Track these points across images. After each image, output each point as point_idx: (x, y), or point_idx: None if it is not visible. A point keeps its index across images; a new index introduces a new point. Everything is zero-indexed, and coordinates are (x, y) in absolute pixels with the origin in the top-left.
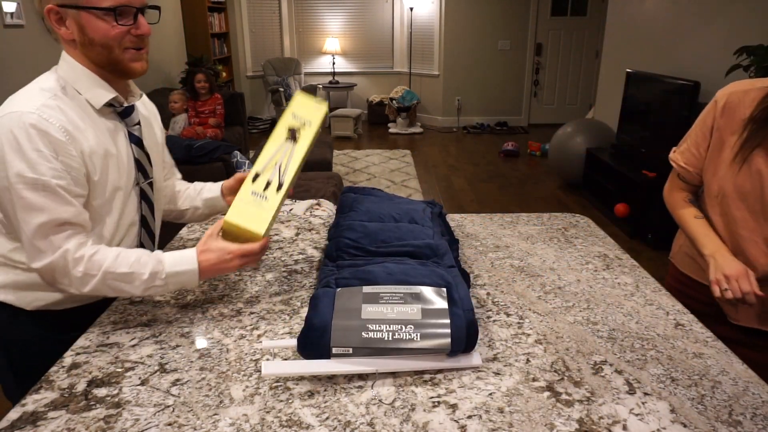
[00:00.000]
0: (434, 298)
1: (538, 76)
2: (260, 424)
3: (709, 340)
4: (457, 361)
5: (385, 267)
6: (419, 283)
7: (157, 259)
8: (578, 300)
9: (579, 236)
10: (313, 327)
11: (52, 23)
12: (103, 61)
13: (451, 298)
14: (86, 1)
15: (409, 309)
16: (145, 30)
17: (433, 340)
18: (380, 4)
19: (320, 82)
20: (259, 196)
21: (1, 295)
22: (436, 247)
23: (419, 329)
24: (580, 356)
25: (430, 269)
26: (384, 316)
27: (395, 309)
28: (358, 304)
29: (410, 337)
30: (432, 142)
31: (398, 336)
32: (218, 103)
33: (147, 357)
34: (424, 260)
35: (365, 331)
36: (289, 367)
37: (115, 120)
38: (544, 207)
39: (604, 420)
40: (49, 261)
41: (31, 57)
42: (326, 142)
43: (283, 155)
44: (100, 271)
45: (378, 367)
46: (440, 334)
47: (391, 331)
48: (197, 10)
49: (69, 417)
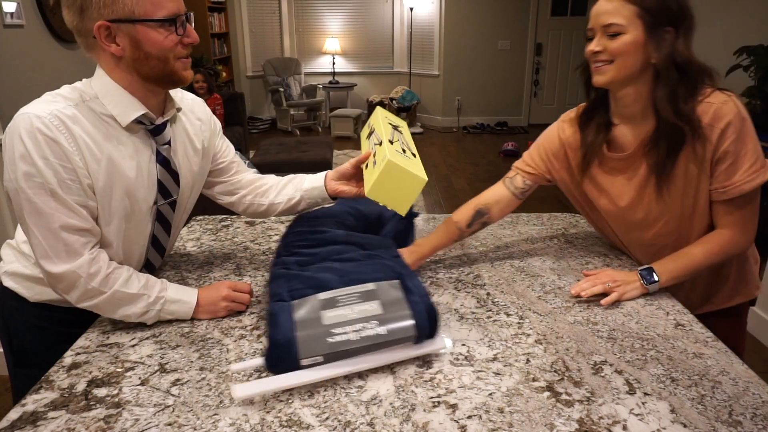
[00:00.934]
0: (390, 290)
1: (538, 76)
2: (260, 424)
3: (709, 340)
4: (426, 346)
5: (334, 270)
6: (372, 280)
7: (162, 285)
8: (578, 300)
9: (579, 236)
10: (277, 344)
11: (101, 40)
12: (158, 74)
13: (406, 287)
14: (142, 14)
15: (368, 306)
16: (195, 38)
17: (399, 329)
18: (380, 4)
19: (320, 82)
20: (405, 155)
21: (10, 282)
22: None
23: (384, 323)
24: (580, 356)
25: (379, 262)
26: (346, 318)
27: (355, 309)
28: (317, 312)
29: (376, 331)
30: (432, 142)
31: (364, 333)
32: (217, 104)
33: (147, 357)
34: (370, 251)
35: (330, 337)
36: (261, 385)
37: (145, 137)
38: (544, 207)
39: (604, 420)
40: (64, 270)
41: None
42: (326, 142)
43: (399, 136)
44: (110, 290)
45: (350, 368)
46: (404, 323)
47: (356, 330)
48: (197, 10)
49: (69, 417)
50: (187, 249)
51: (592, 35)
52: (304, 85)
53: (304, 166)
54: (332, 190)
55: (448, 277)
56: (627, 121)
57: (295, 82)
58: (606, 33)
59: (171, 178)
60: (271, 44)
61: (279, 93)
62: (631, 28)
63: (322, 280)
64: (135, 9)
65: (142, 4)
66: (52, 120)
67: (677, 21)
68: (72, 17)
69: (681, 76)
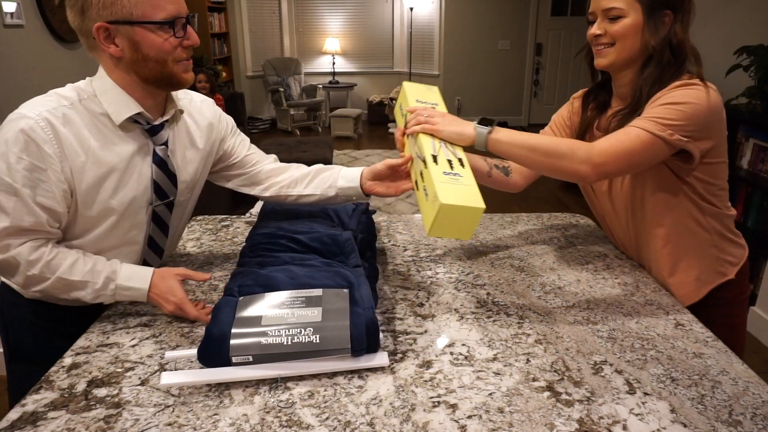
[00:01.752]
0: (336, 299)
1: (538, 76)
2: (260, 424)
3: (709, 340)
4: (361, 361)
5: (288, 271)
6: (321, 286)
7: (112, 269)
8: (578, 300)
9: (579, 236)
10: (212, 337)
11: (100, 41)
12: (156, 76)
13: (353, 298)
14: (140, 16)
15: (309, 312)
16: (195, 40)
17: (333, 341)
18: (380, 4)
19: (320, 82)
20: (452, 175)
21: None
22: (343, 242)
23: (319, 331)
24: (580, 356)
25: (335, 270)
26: (284, 321)
27: (296, 313)
28: (260, 311)
29: (309, 339)
30: None
31: (298, 339)
32: (219, 104)
33: (147, 357)
34: (330, 259)
35: (264, 338)
36: (187, 376)
37: (141, 137)
38: (544, 207)
39: (604, 420)
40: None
41: (31, 57)
42: (326, 142)
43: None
44: (53, 276)
45: (279, 371)
46: (340, 334)
47: (290, 335)
48: (197, 10)
49: (69, 417)
50: (187, 249)
51: (594, 18)
52: (304, 85)
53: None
54: (368, 190)
55: (448, 277)
56: (623, 103)
57: (295, 82)
58: (607, 16)
59: (167, 179)
60: (271, 44)
61: (279, 93)
62: (631, 11)
63: (273, 279)
64: (133, 11)
65: (141, 6)
66: (39, 122)
67: (675, 4)
68: (74, 17)
69: (673, 58)
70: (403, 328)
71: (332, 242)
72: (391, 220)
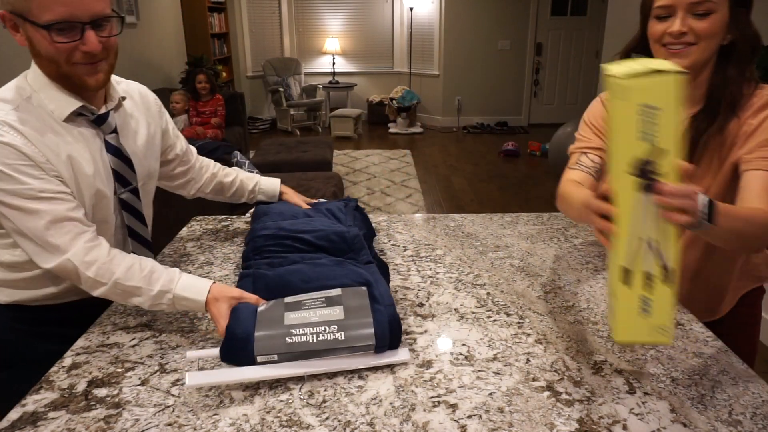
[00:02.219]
0: (355, 297)
1: (538, 76)
2: (260, 424)
3: (709, 340)
4: (385, 357)
5: (301, 273)
6: (339, 285)
7: (170, 277)
8: (578, 300)
9: (579, 236)
10: (236, 337)
11: (9, 29)
12: (53, 74)
13: (372, 295)
14: (28, 13)
15: (331, 311)
16: (92, 47)
17: (358, 337)
18: (380, 4)
19: (320, 82)
20: (645, 301)
21: None
22: (351, 239)
23: (343, 329)
24: (580, 356)
25: (348, 268)
26: (307, 321)
27: (318, 312)
28: (281, 312)
29: (335, 336)
30: (432, 142)
31: (323, 337)
32: (219, 104)
33: (147, 357)
34: (339, 257)
35: (289, 337)
36: (214, 376)
37: (90, 128)
38: (544, 207)
39: (604, 420)
40: (55, 264)
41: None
42: (326, 142)
43: (645, 217)
44: (110, 281)
45: (305, 369)
46: (364, 331)
47: (315, 333)
48: (197, 10)
49: (69, 417)
50: (187, 249)
51: (667, 14)
52: (304, 85)
53: (304, 166)
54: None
55: (448, 277)
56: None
57: (295, 82)
58: (692, 11)
59: (125, 166)
60: (271, 44)
61: (279, 93)
62: (721, 5)
63: (288, 285)
64: (22, 6)
65: (27, 3)
66: (1, 126)
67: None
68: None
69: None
70: (403, 328)
71: (340, 240)
72: (391, 220)
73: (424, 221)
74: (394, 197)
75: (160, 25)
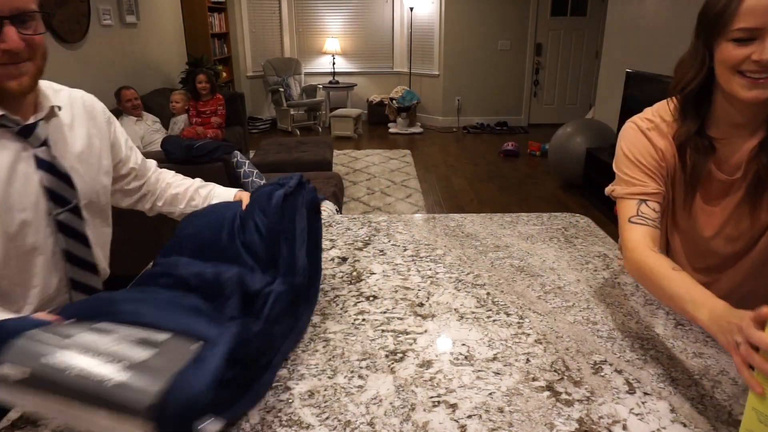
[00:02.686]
0: (176, 351)
1: (538, 76)
2: (260, 423)
3: (709, 340)
4: None
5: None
6: (172, 329)
7: None
8: (578, 300)
9: (579, 236)
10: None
11: None
12: None
13: (199, 357)
14: None
15: (136, 351)
16: (13, 45)
17: (136, 390)
18: (380, 4)
19: (320, 82)
20: None
21: None
22: (224, 282)
23: (131, 370)
24: (580, 356)
25: (200, 318)
26: (95, 347)
27: (120, 346)
28: (78, 330)
29: (109, 377)
30: (432, 142)
31: (93, 371)
32: (220, 104)
33: None
34: (210, 301)
35: (52, 356)
36: None
37: (15, 141)
38: (544, 207)
39: (604, 420)
40: None
41: None
42: (326, 142)
43: None
44: None
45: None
46: (150, 386)
47: (84, 367)
48: (197, 10)
49: None
50: None
51: (751, 36)
52: (304, 85)
53: (305, 166)
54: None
55: (448, 277)
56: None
57: (295, 82)
58: None
59: (62, 183)
60: (271, 44)
61: (279, 93)
62: None
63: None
64: None
65: None
66: None
67: None
68: None
69: None
70: (403, 328)
71: (213, 279)
72: (391, 220)
73: (424, 221)
74: (394, 197)
75: (160, 25)
